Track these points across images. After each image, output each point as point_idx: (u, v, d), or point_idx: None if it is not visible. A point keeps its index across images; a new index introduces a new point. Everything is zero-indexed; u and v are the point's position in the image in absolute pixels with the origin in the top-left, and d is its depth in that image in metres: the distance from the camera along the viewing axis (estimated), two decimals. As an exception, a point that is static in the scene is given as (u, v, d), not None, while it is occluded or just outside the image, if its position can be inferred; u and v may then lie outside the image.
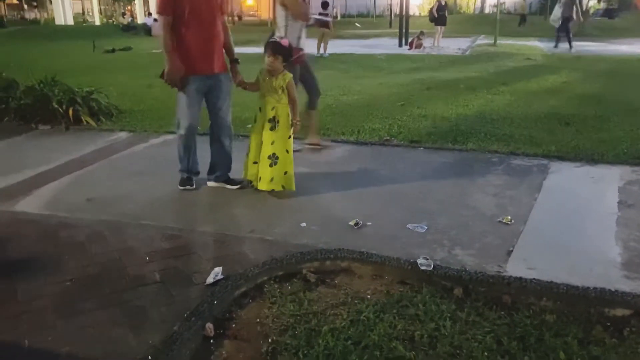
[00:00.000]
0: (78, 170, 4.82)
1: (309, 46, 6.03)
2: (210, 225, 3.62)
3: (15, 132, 6.27)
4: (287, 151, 4.07)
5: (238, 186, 4.28)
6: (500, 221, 3.59)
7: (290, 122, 4.05)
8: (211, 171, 4.37)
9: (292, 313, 2.59)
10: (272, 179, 4.02)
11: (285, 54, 3.99)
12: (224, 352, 2.35)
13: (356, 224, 3.57)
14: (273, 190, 4.07)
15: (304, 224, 3.59)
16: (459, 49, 17.01)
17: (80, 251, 3.21)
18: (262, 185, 4.04)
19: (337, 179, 4.55)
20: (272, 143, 4.01)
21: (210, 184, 4.37)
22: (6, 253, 3.22)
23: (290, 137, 4.10)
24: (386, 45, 18.75)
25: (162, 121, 6.61)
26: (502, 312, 2.63)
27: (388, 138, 5.77)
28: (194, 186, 4.29)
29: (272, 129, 4.02)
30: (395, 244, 3.30)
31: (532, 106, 7.35)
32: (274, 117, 4.01)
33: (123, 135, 6.09)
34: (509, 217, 3.61)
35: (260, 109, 4.09)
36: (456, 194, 4.13)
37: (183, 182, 4.30)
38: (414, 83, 9.65)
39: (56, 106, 6.52)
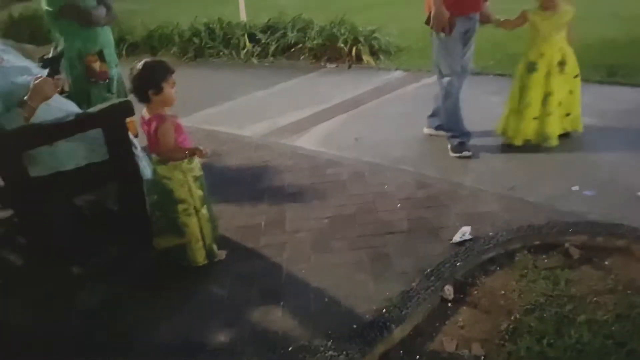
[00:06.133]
0: (352, 109, 5.10)
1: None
2: (468, 176, 3.44)
3: (308, 70, 6.92)
4: (571, 92, 3.69)
5: (463, 153, 3.78)
6: None
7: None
8: (432, 117, 4.14)
9: (543, 291, 2.30)
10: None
11: None
12: (460, 320, 2.24)
13: (647, 194, 2.93)
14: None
15: (576, 187, 3.11)
16: None
17: (341, 190, 3.42)
18: (555, 141, 3.66)
19: (630, 134, 3.79)
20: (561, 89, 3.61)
21: (428, 130, 4.17)
22: (284, 182, 3.64)
23: (577, 75, 3.67)
24: None
25: (437, 60, 6.46)
26: None
27: None
28: (471, 152, 3.77)
29: (560, 72, 3.56)
30: (700, 227, 2.59)
31: None
32: (562, 59, 3.54)
33: (398, 74, 6.17)
34: None
35: (542, 54, 3.58)
36: None
37: (459, 148, 3.77)
38: None
39: (341, 45, 6.97)
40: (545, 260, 2.52)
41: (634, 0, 8.26)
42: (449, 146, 3.84)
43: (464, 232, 2.72)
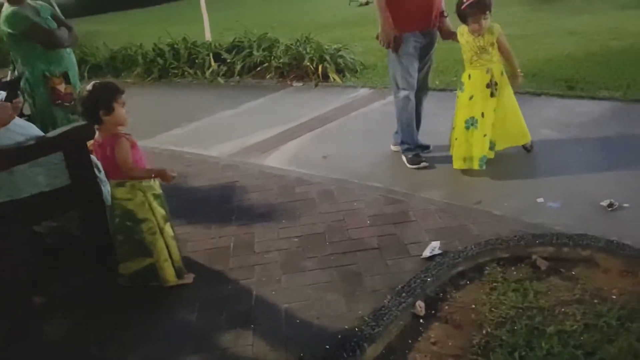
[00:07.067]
0: (320, 127, 5.11)
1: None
2: (436, 191, 3.47)
3: (274, 89, 6.92)
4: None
5: (421, 164, 3.82)
6: None
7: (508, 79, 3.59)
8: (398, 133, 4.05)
9: (513, 304, 2.31)
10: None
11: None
12: (432, 336, 2.23)
13: (610, 205, 3.00)
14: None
15: (541, 200, 3.17)
16: None
17: (310, 208, 3.39)
18: (476, 165, 3.56)
19: (591, 146, 3.89)
20: (495, 110, 3.58)
21: (394, 147, 4.13)
22: (252, 202, 3.60)
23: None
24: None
25: (402, 76, 6.55)
26: None
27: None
28: (427, 163, 3.84)
29: (492, 94, 3.53)
30: (660, 234, 2.67)
31: None
32: (491, 81, 3.51)
33: (364, 91, 6.22)
34: None
35: (469, 76, 3.58)
36: None
37: (415, 160, 3.85)
38: None
39: (307, 64, 7.01)
40: (514, 273, 2.54)
41: (586, 17, 8.61)
42: (405, 159, 3.91)
43: (434, 247, 2.73)
